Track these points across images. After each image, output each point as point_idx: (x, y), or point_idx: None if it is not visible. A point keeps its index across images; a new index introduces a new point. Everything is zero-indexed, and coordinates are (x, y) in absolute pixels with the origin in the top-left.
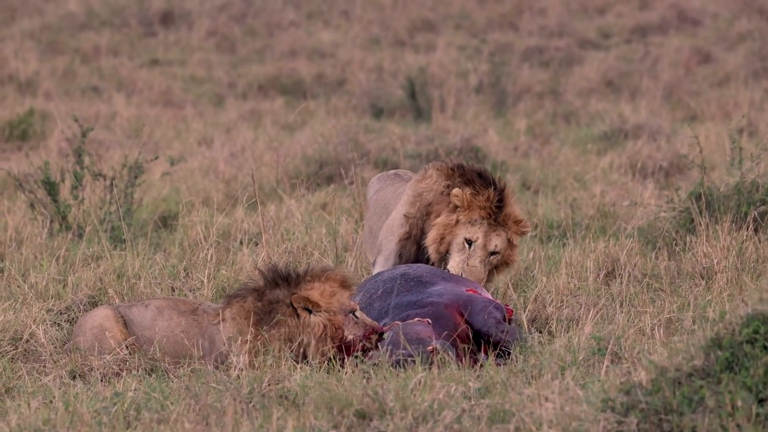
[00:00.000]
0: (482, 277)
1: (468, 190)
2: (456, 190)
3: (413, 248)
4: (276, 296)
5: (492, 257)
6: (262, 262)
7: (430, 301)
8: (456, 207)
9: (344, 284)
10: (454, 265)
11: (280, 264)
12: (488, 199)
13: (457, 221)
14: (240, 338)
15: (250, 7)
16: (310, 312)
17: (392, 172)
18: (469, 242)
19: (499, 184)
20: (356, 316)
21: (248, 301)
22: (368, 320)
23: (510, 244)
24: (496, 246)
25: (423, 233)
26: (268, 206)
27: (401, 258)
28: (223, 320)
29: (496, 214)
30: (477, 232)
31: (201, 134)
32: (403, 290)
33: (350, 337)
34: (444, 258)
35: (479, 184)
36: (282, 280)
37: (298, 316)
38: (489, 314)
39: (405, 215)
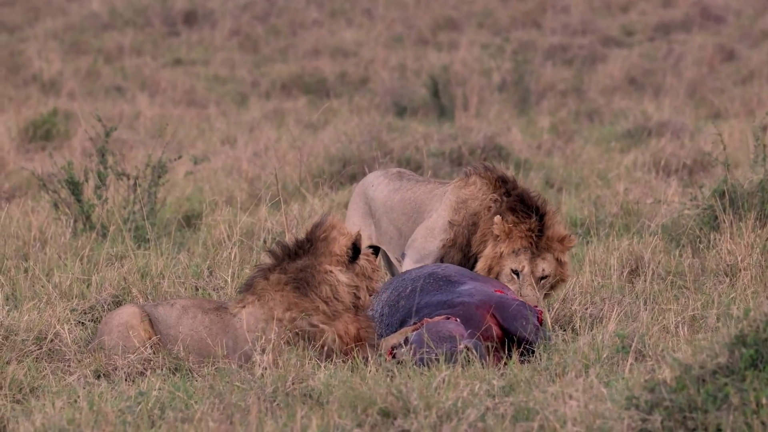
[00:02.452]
0: (537, 302)
1: (510, 219)
2: (497, 218)
3: (458, 256)
4: (301, 264)
5: (543, 281)
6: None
7: (461, 301)
8: (497, 236)
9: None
10: None
11: (281, 241)
12: (529, 229)
13: (501, 254)
14: (274, 314)
15: (273, 6)
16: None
17: (395, 170)
18: (516, 272)
19: (541, 208)
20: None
21: (272, 277)
22: None
23: (559, 262)
24: (543, 270)
25: (468, 243)
26: (292, 205)
27: (435, 261)
28: (247, 305)
29: (538, 242)
30: (522, 262)
31: (224, 133)
32: (432, 289)
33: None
34: None
35: (521, 211)
36: (298, 250)
37: (356, 263)
38: (527, 320)
39: (450, 222)
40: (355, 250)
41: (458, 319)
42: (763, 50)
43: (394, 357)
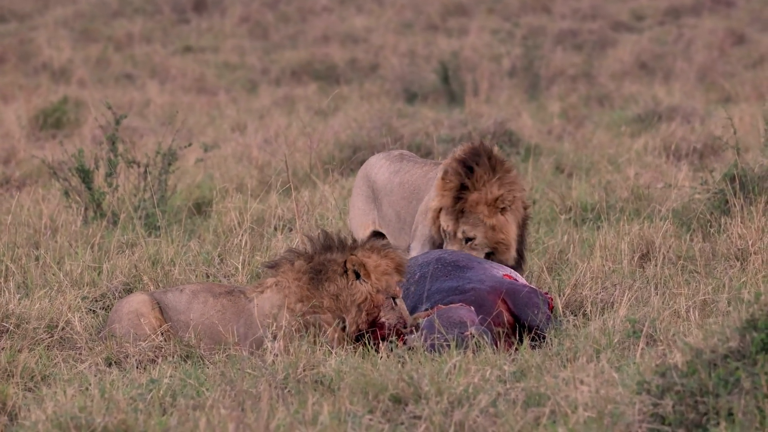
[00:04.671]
0: None
1: (446, 176)
2: (441, 176)
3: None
4: (328, 258)
5: (469, 243)
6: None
7: (472, 287)
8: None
9: (399, 269)
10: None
11: (330, 232)
12: (449, 189)
13: (438, 209)
14: (286, 302)
15: None
16: (357, 278)
17: (397, 152)
18: (446, 232)
19: (474, 170)
20: (395, 303)
21: (297, 263)
22: (405, 312)
23: (490, 227)
24: (464, 232)
25: None
26: (302, 192)
27: (433, 244)
28: (265, 291)
29: (459, 202)
30: (448, 221)
31: (234, 120)
32: (441, 275)
33: (383, 320)
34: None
35: (454, 171)
36: (337, 244)
37: (347, 277)
38: (537, 308)
39: None
40: (356, 271)
41: (471, 306)
42: None
43: (405, 343)
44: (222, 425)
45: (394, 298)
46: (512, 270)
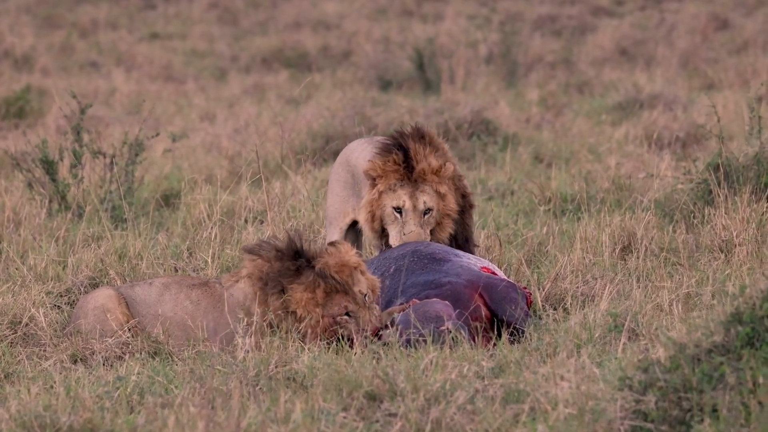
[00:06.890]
0: (423, 238)
1: (378, 158)
2: (368, 163)
3: None
4: (286, 267)
5: (426, 216)
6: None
7: (448, 280)
8: (374, 179)
9: (332, 291)
10: (393, 237)
11: (303, 238)
12: (395, 162)
13: (380, 193)
14: (257, 297)
15: None
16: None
17: (380, 137)
18: (398, 210)
19: (404, 143)
20: (348, 316)
21: (258, 262)
22: (365, 320)
23: (440, 195)
24: (425, 203)
25: None
26: (273, 183)
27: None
28: (239, 280)
29: (410, 175)
30: (402, 197)
31: (203, 110)
32: (417, 268)
33: (342, 334)
34: (383, 235)
35: (384, 149)
36: (296, 254)
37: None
38: (516, 303)
39: None
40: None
41: (447, 301)
42: (757, 19)
43: (380, 338)
44: (191, 423)
45: (347, 313)
46: (490, 263)
